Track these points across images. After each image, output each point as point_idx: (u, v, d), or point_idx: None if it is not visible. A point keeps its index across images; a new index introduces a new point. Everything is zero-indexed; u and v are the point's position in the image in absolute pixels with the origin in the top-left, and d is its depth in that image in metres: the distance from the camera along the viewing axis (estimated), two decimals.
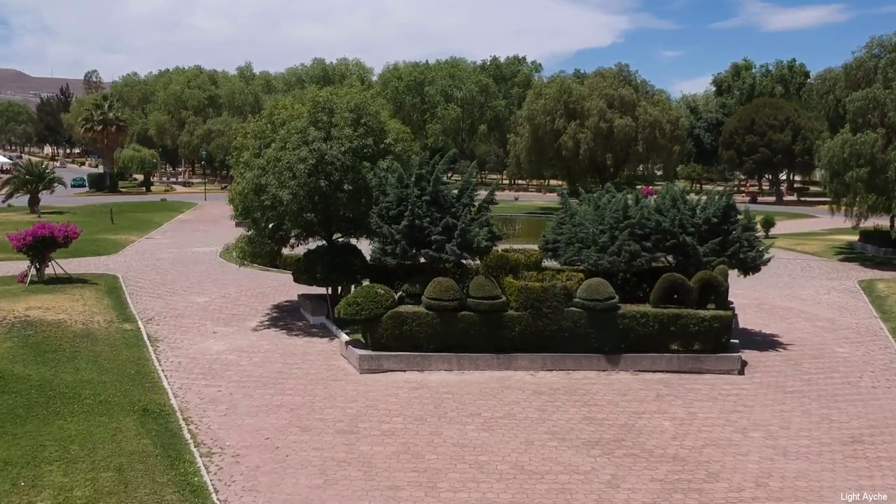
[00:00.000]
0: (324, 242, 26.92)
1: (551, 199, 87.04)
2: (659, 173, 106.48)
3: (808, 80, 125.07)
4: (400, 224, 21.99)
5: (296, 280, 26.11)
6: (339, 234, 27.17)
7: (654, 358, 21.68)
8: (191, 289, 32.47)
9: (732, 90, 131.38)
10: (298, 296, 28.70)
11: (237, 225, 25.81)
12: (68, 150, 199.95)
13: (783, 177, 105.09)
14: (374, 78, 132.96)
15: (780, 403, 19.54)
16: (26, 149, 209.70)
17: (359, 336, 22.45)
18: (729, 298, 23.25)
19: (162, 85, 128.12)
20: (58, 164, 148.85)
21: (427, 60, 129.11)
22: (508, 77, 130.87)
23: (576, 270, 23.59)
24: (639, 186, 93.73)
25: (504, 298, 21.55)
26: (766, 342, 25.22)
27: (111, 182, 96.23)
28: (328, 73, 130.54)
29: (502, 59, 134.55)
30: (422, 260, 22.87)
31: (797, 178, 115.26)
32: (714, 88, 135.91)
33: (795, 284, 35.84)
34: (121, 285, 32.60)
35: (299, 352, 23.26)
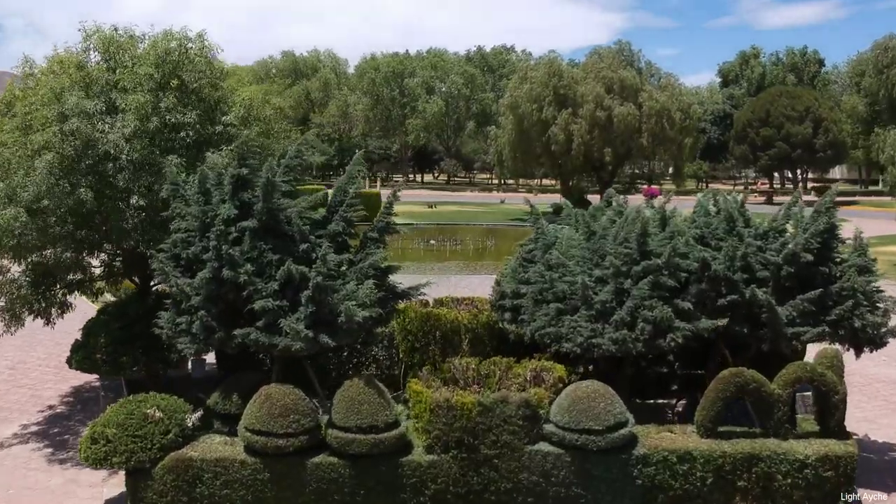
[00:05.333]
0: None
1: (543, 202, 75.98)
2: (661, 172, 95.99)
3: (824, 70, 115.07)
4: (198, 275, 11.15)
5: (68, 361, 15.18)
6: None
7: None
8: None
9: (740, 80, 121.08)
10: (98, 379, 17.70)
11: None
12: None
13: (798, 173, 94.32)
14: (351, 70, 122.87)
15: None
16: None
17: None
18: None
19: None
20: None
21: (407, 50, 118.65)
22: (496, 68, 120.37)
23: (549, 353, 12.73)
24: (643, 186, 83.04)
25: (403, 427, 10.80)
26: (888, 466, 14.46)
27: None
28: (299, 66, 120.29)
29: (488, 49, 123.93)
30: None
31: (810, 175, 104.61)
32: (719, 79, 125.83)
33: None
34: None
35: None
